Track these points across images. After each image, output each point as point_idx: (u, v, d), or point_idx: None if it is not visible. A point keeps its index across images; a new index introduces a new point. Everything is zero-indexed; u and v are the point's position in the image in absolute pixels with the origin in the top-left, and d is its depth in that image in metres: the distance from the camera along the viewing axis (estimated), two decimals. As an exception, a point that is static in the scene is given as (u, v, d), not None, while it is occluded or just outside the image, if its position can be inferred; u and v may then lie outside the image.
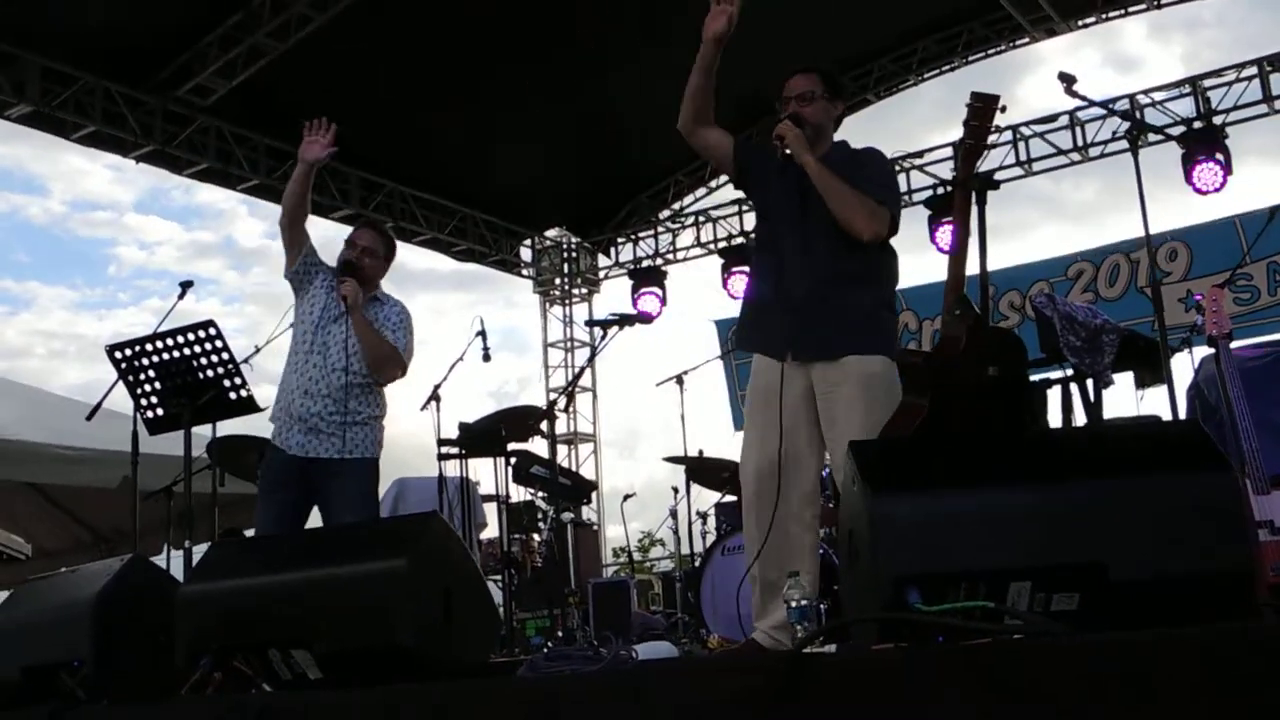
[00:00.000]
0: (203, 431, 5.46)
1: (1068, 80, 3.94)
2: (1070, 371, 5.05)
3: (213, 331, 4.47)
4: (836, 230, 3.70)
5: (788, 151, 3.72)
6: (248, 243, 34.61)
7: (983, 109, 3.29)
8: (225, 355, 4.49)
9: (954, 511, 2.37)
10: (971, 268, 3.41)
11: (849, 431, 3.44)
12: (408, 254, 13.10)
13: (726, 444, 12.78)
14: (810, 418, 3.75)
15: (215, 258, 36.56)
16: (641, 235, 13.61)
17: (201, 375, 4.52)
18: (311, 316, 4.66)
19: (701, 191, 13.33)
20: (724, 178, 13.43)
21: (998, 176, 11.08)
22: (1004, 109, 3.28)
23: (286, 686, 2.98)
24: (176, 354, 4.51)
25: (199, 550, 4.23)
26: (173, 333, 4.50)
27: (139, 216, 37.30)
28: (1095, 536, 2.34)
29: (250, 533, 7.24)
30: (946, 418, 3.06)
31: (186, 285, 5.26)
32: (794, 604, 3.15)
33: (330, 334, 4.62)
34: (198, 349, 4.49)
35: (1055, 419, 5.10)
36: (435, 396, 6.51)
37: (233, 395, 4.58)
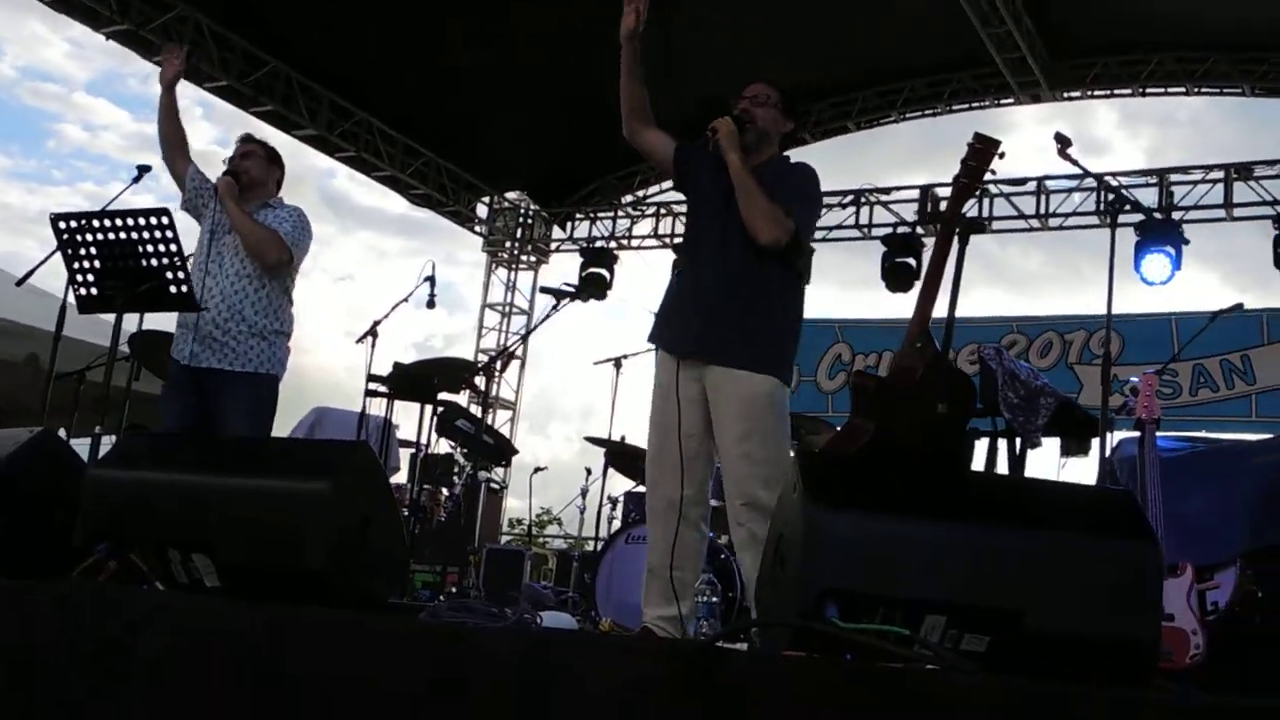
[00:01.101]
0: (128, 324, 5.32)
1: (1063, 142, 3.99)
2: (1003, 426, 5.13)
3: (165, 221, 4.33)
4: (749, 243, 3.76)
5: (717, 143, 3.79)
6: (196, 144, 33.86)
7: (983, 150, 3.31)
8: (174, 247, 4.36)
9: (886, 535, 2.39)
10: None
11: (729, 444, 3.61)
12: (356, 189, 12.97)
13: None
14: (703, 419, 3.81)
15: (159, 153, 35.75)
16: (600, 215, 13.56)
17: (145, 262, 4.39)
18: (205, 232, 4.73)
19: (667, 184, 13.31)
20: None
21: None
22: (1003, 155, 3.31)
23: (180, 589, 2.92)
24: (123, 236, 4.37)
25: (106, 442, 4.12)
26: (124, 213, 4.37)
27: (89, 97, 36.39)
28: (1016, 584, 2.37)
29: (156, 433, 7.10)
30: (890, 445, 3.08)
31: (144, 170, 5.11)
32: (703, 599, 3.18)
33: (224, 243, 4.68)
34: (146, 235, 4.36)
35: (978, 469, 5.18)
36: (373, 332, 6.44)
37: (173, 289, 4.45)
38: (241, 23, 10.09)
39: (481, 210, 13.98)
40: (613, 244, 13.25)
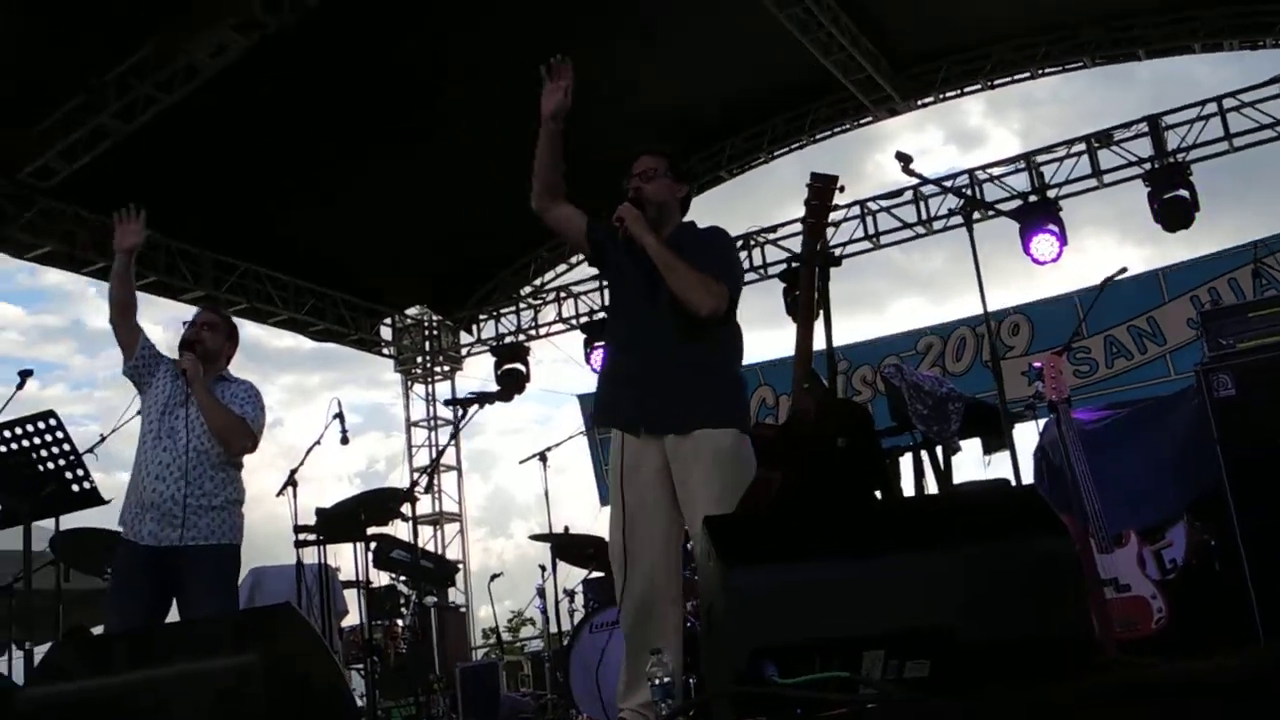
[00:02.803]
0: (46, 525, 5.24)
1: (904, 160, 4.11)
2: (920, 439, 5.21)
3: (53, 423, 4.31)
4: (680, 309, 3.75)
5: (628, 231, 3.79)
6: (97, 325, 33.47)
7: (822, 189, 3.41)
8: (67, 447, 4.34)
9: (806, 582, 2.42)
10: (819, 342, 3.51)
11: (702, 506, 3.47)
12: (265, 334, 12.88)
13: (594, 520, 12.77)
14: (669, 493, 3.76)
15: (62, 341, 35.22)
16: (504, 311, 13.61)
17: (41, 468, 4.35)
18: (157, 407, 4.56)
19: (562, 267, 13.43)
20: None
21: (847, 250, 11.49)
22: (842, 189, 3.41)
23: (133, 794, 2.85)
24: (15, 446, 4.33)
25: (41, 651, 4.03)
26: (10, 424, 4.33)
27: (-21, 301, 35.74)
28: (941, 602, 2.41)
29: (99, 630, 6.95)
30: (799, 489, 3.12)
31: (26, 374, 5.05)
32: (657, 681, 3.15)
33: (178, 418, 4.52)
34: (37, 440, 4.32)
35: (909, 485, 5.24)
36: (292, 481, 6.36)
37: (75, 488, 4.41)
38: (105, 205, 10.02)
39: (386, 332, 13.94)
40: (521, 337, 13.28)
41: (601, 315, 12.62)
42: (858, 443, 3.20)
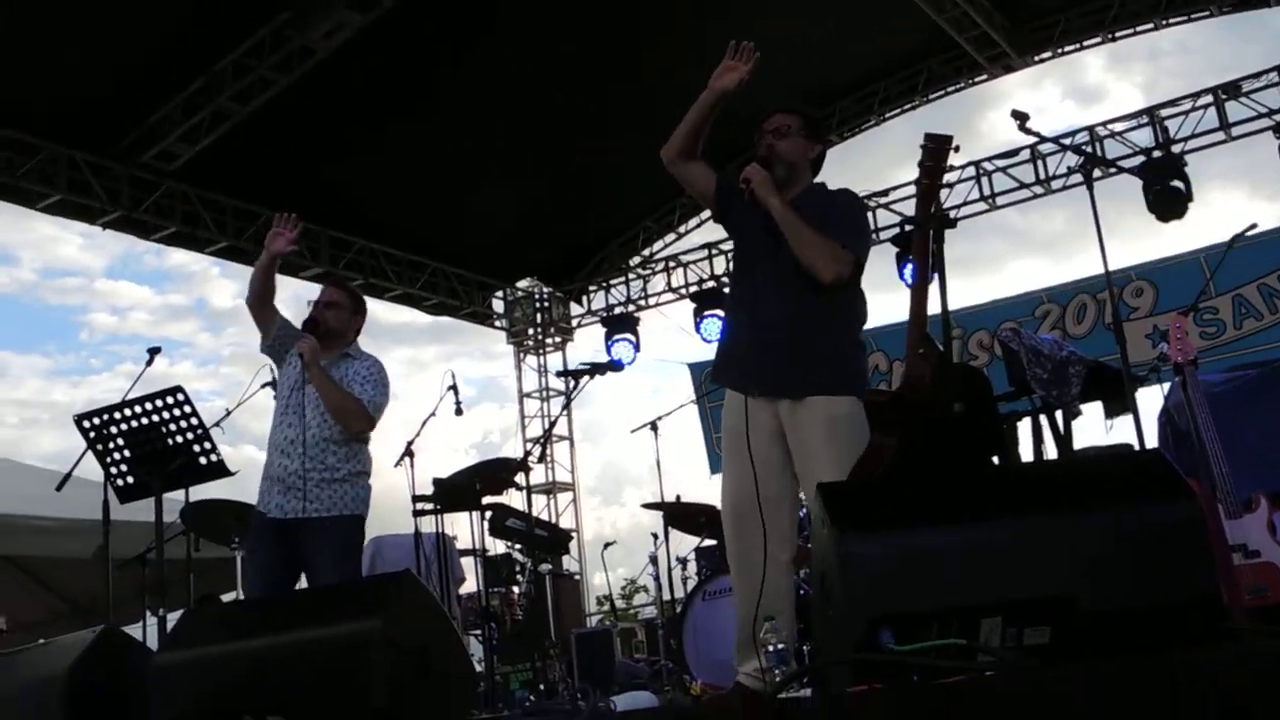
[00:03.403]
0: (177, 496, 5.42)
1: (1021, 118, 3.99)
2: (1039, 403, 5.08)
3: (180, 398, 4.45)
4: (803, 270, 3.68)
5: (754, 193, 3.73)
6: (220, 304, 34.43)
7: (936, 150, 3.33)
8: (194, 420, 4.47)
9: (922, 550, 2.38)
10: (934, 306, 3.44)
11: (818, 473, 3.40)
12: (381, 309, 13.11)
13: (705, 488, 12.77)
14: (783, 457, 3.72)
15: (188, 320, 36.35)
16: (613, 283, 13.65)
17: (171, 442, 4.50)
18: (288, 384, 4.70)
19: (671, 237, 13.41)
20: (693, 223, 13.61)
21: (962, 212, 11.24)
22: (957, 149, 3.32)
23: (263, 754, 2.95)
24: (145, 421, 4.48)
25: (174, 618, 4.19)
26: (140, 400, 4.48)
27: (110, 282, 37.05)
28: (1062, 569, 2.35)
29: (228, 597, 7.19)
30: (914, 455, 3.08)
31: (154, 351, 5.24)
32: (771, 648, 3.14)
33: (306, 394, 4.62)
34: (166, 415, 4.47)
35: (1027, 451, 5.13)
36: (409, 453, 6.48)
37: (203, 460, 4.55)
38: (226, 185, 10.33)
39: (498, 305, 14.11)
40: (631, 308, 13.31)
41: (710, 284, 12.58)
42: (974, 408, 3.13)
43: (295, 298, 4.90)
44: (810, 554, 4.17)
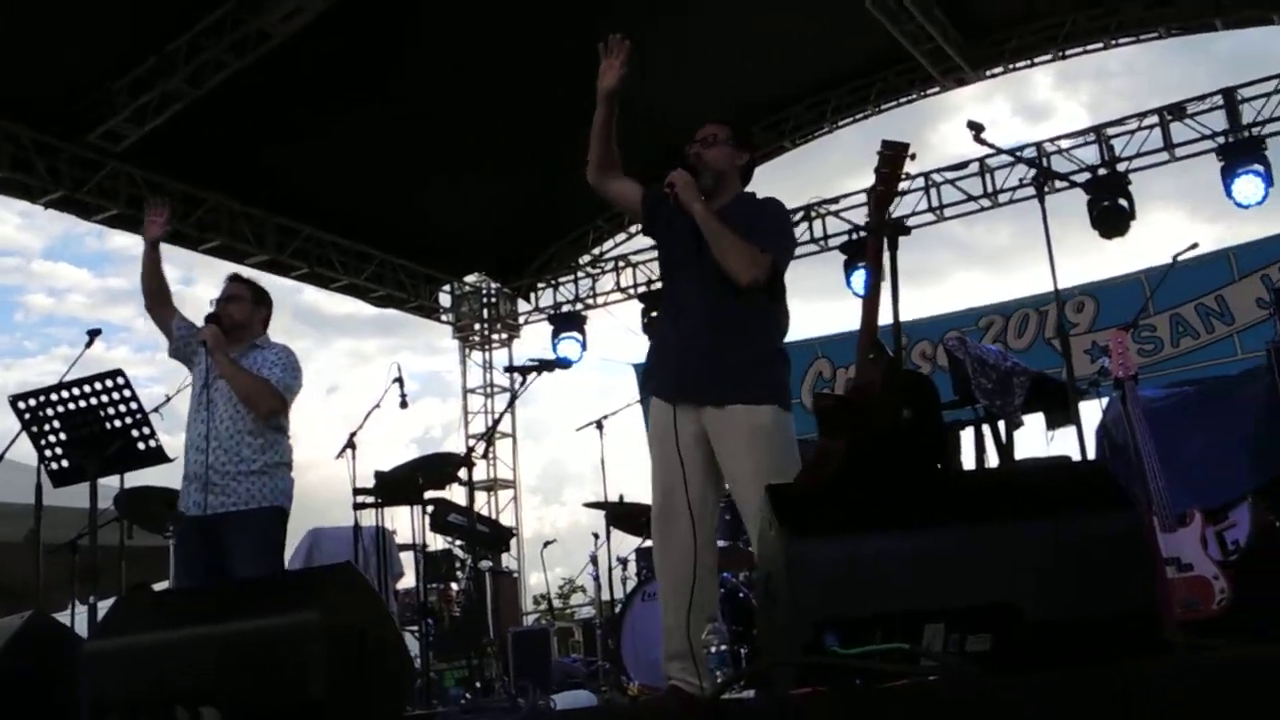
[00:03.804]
0: (111, 483, 5.32)
1: (976, 128, 4.03)
2: (982, 413, 5.14)
3: (120, 381, 4.36)
4: (726, 278, 3.75)
5: (678, 197, 3.79)
6: (163, 288, 33.84)
7: (893, 156, 3.35)
8: (134, 405, 4.39)
9: (869, 555, 2.39)
10: (885, 313, 3.46)
11: (740, 480, 3.57)
12: (325, 300, 13.02)
13: (648, 489, 12.73)
14: (707, 462, 3.78)
15: (127, 305, 35.82)
16: (562, 280, 13.60)
17: (109, 425, 4.41)
18: (198, 382, 4.71)
19: (621, 236, 13.38)
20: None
21: (911, 222, 11.34)
22: (914, 156, 3.35)
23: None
24: (83, 404, 4.40)
25: (105, 605, 4.11)
26: (79, 382, 4.39)
27: (48, 263, 36.40)
28: (1006, 578, 2.37)
29: (162, 587, 7.08)
30: (861, 461, 3.09)
31: (94, 334, 5.12)
32: (713, 649, 3.15)
33: (217, 389, 4.66)
34: (105, 399, 4.38)
35: (969, 460, 5.17)
36: (351, 444, 6.42)
37: (141, 446, 4.47)
38: (172, 167, 10.15)
39: (445, 299, 14.01)
40: (579, 306, 13.28)
41: (659, 285, 12.57)
42: (922, 416, 3.15)
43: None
44: (750, 557, 4.18)
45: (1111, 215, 10.00)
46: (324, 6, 8.15)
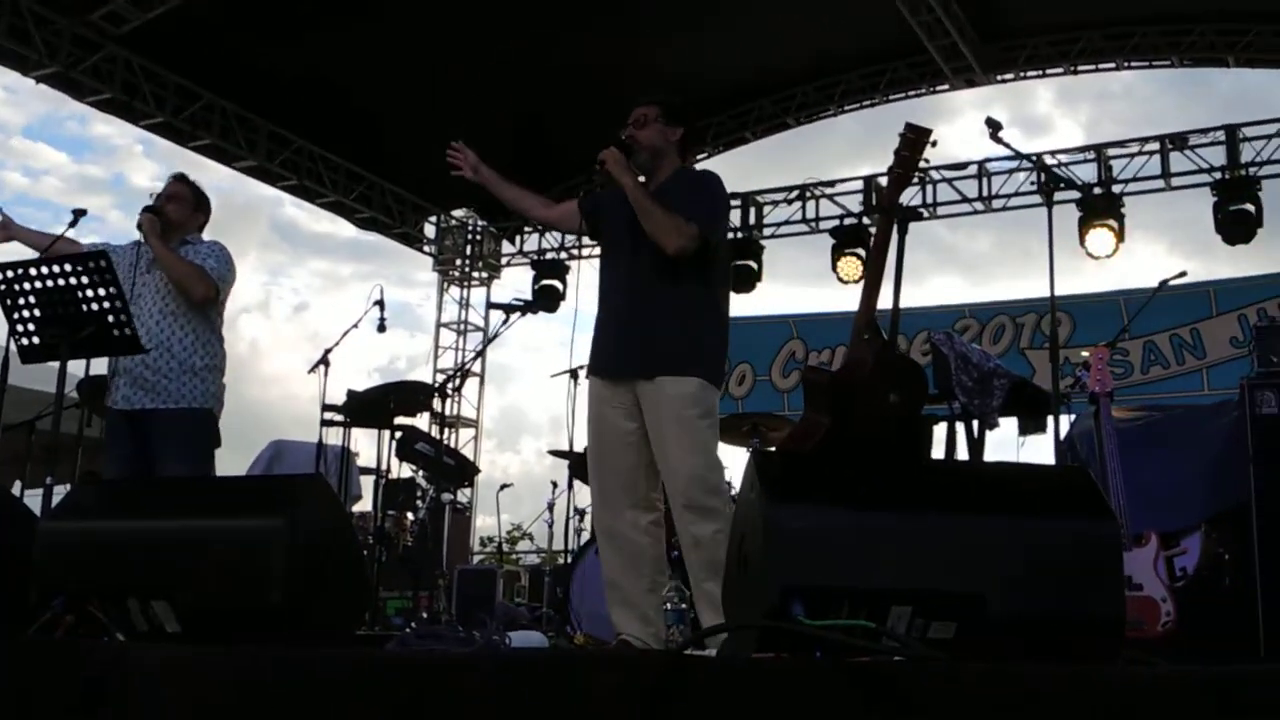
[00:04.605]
0: (75, 369, 5.25)
1: (994, 126, 4.01)
2: (958, 410, 5.16)
3: (103, 264, 4.27)
4: (658, 256, 3.85)
5: (608, 173, 3.94)
6: (139, 182, 33.43)
7: (915, 140, 3.34)
8: (114, 290, 4.31)
9: (846, 529, 2.39)
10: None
11: (669, 449, 3.71)
12: (305, 217, 12.86)
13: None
14: (636, 431, 3.90)
15: (103, 194, 35.19)
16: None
17: (85, 308, 4.32)
18: (127, 282, 4.66)
19: (615, 189, 13.29)
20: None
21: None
22: (935, 143, 3.34)
23: (141, 638, 2.87)
24: (61, 283, 4.30)
25: (59, 492, 4.06)
26: (62, 259, 4.30)
27: (27, 141, 35.72)
28: (978, 569, 2.38)
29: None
30: (846, 438, 3.10)
31: (79, 213, 5.01)
32: (670, 606, 3.16)
33: (145, 282, 4.70)
34: (85, 280, 4.29)
35: (938, 455, 5.20)
36: (325, 360, 6.38)
37: (116, 333, 4.39)
38: (173, 59, 9.97)
39: (429, 230, 13.89)
40: (563, 254, 13.20)
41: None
42: (909, 401, 3.16)
43: (217, 187, 4.88)
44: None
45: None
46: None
